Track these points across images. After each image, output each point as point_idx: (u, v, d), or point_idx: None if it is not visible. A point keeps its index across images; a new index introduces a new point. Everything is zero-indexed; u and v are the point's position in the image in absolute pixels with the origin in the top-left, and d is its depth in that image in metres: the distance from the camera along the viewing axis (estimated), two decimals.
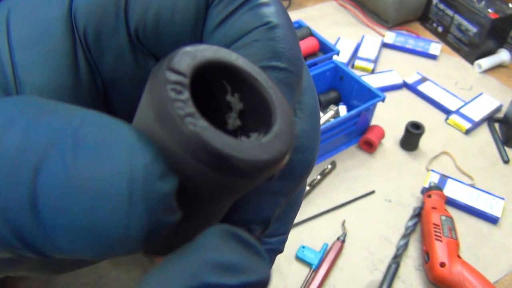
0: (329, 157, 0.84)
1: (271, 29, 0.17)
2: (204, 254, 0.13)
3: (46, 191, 0.12)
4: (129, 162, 0.13)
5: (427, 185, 0.79)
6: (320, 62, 0.91)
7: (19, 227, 0.13)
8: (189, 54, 0.13)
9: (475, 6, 1.03)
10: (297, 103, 0.19)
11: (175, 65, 0.13)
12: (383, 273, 0.68)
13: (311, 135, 0.20)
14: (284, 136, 0.14)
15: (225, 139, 0.12)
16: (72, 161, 0.13)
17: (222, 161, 0.12)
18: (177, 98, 0.12)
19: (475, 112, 0.94)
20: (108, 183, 0.12)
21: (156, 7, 0.18)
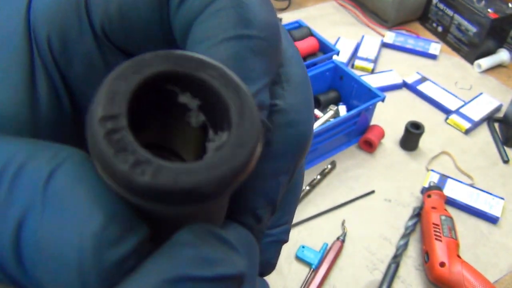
0: (329, 157, 0.84)
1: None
2: (180, 250, 0.14)
3: (26, 244, 0.13)
4: (79, 231, 0.13)
5: (427, 185, 0.79)
6: (320, 62, 0.91)
7: (3, 264, 0.14)
8: (122, 79, 0.13)
9: (475, 6, 1.03)
10: (281, 75, 0.18)
11: (105, 112, 0.12)
12: (383, 273, 0.68)
13: (301, 108, 0.18)
14: (242, 139, 0.13)
15: (177, 169, 0.12)
16: (40, 222, 0.13)
17: (177, 196, 0.12)
18: (118, 149, 0.12)
19: (475, 112, 0.94)
20: (63, 252, 0.13)
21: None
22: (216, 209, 0.16)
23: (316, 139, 0.78)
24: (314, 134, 0.76)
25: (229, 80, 0.14)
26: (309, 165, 0.82)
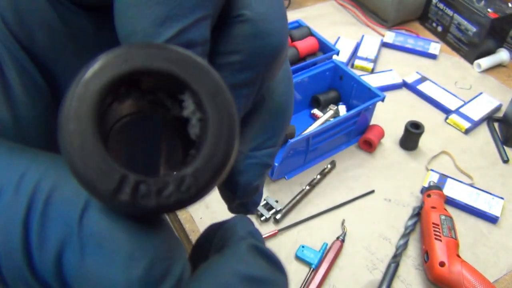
0: (329, 157, 0.84)
1: None
2: (234, 266, 0.15)
3: (69, 275, 0.14)
4: (126, 275, 0.14)
5: (426, 184, 0.79)
6: (320, 61, 0.91)
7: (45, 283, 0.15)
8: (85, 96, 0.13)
9: (475, 5, 1.03)
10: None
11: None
12: (382, 272, 0.68)
13: (270, 17, 0.17)
14: (215, 154, 0.14)
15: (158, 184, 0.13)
16: (81, 259, 0.14)
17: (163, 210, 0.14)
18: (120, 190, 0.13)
19: (475, 111, 0.94)
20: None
21: None
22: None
23: (315, 139, 0.78)
24: (314, 134, 0.76)
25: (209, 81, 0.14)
26: (309, 164, 0.82)
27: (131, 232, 0.14)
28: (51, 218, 0.14)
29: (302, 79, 0.86)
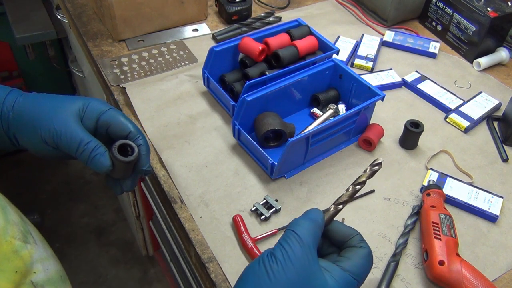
0: (329, 156, 0.84)
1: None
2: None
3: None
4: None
5: (426, 183, 0.79)
6: (320, 60, 0.91)
7: None
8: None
9: (475, 4, 1.03)
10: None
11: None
12: (382, 271, 0.68)
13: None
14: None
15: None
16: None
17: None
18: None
19: (474, 110, 0.95)
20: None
21: None
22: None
23: (315, 137, 0.78)
24: (314, 133, 0.76)
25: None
26: (309, 163, 0.82)
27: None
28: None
29: (302, 78, 0.86)
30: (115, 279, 1.80)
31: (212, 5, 1.18)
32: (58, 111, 0.53)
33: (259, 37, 0.92)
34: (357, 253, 0.49)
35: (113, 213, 2.02)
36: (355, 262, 0.47)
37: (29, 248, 0.46)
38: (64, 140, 0.52)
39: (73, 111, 0.54)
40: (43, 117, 0.53)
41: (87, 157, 0.53)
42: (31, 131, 0.54)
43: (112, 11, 0.99)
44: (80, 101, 0.55)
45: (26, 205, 1.98)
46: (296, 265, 0.43)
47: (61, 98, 0.55)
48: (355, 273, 0.47)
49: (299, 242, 0.45)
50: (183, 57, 1.03)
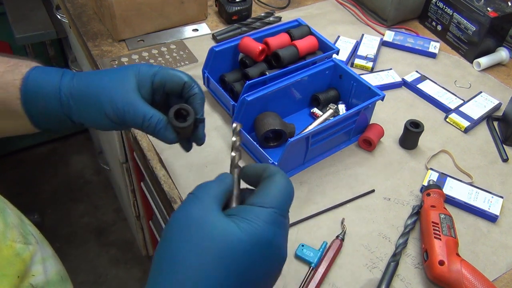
0: (329, 156, 0.84)
1: None
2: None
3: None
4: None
5: (426, 183, 0.79)
6: (320, 60, 0.91)
7: None
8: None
9: (475, 4, 1.03)
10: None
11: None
12: (382, 271, 0.68)
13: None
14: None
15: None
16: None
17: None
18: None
19: (474, 110, 0.95)
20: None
21: None
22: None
23: (315, 137, 0.78)
24: (314, 133, 0.76)
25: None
26: (309, 163, 0.82)
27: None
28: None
29: (302, 78, 0.86)
30: (115, 279, 1.80)
31: (212, 5, 1.18)
32: (116, 87, 0.54)
33: (259, 37, 0.92)
34: (266, 182, 0.42)
35: (113, 213, 2.02)
36: (263, 192, 0.41)
37: (30, 249, 0.46)
38: (128, 117, 0.53)
39: (129, 83, 0.54)
40: (103, 98, 0.53)
41: (152, 132, 0.54)
42: (94, 113, 0.53)
43: (112, 11, 0.99)
44: (131, 72, 0.55)
45: (26, 205, 1.98)
46: (190, 222, 0.38)
47: (113, 73, 0.55)
48: (265, 202, 0.40)
49: (193, 200, 0.40)
50: (183, 57, 1.03)
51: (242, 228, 0.37)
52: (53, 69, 0.54)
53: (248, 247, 0.37)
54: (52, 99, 0.52)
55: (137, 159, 1.03)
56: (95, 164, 2.17)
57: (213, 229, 0.37)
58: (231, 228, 0.37)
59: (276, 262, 0.40)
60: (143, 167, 0.95)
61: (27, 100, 0.52)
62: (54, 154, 2.24)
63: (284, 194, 0.41)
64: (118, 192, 1.80)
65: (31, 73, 0.52)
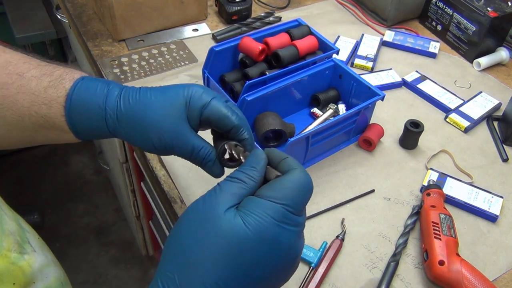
0: (329, 156, 0.84)
1: None
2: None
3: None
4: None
5: (426, 183, 0.79)
6: (320, 60, 0.91)
7: None
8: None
9: (475, 4, 1.03)
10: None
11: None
12: (382, 271, 0.68)
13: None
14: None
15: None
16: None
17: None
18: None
19: (474, 110, 0.95)
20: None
21: None
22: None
23: (315, 137, 0.78)
24: (314, 132, 0.76)
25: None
26: (309, 163, 0.82)
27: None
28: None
29: (302, 78, 0.86)
30: (115, 279, 1.80)
31: (212, 5, 1.18)
32: (165, 119, 0.49)
33: (259, 37, 0.92)
34: (283, 175, 0.41)
35: (113, 213, 2.02)
36: (276, 185, 0.39)
37: (26, 258, 0.45)
38: (176, 150, 0.51)
39: (178, 113, 0.50)
40: (151, 131, 0.49)
41: (200, 164, 0.52)
42: (141, 141, 0.51)
43: (112, 11, 0.99)
44: (181, 99, 0.50)
45: (26, 205, 1.98)
46: (200, 215, 0.38)
47: (162, 99, 0.50)
48: (277, 196, 0.38)
49: (215, 191, 0.40)
50: (183, 57, 1.03)
51: (248, 224, 0.36)
52: (98, 83, 0.51)
53: (255, 244, 0.36)
54: (98, 120, 0.50)
55: (137, 159, 1.03)
56: (95, 164, 2.17)
57: (221, 225, 0.37)
58: (237, 224, 0.36)
59: (287, 261, 0.39)
60: (143, 167, 0.95)
61: (71, 117, 0.50)
62: (54, 154, 2.24)
63: (300, 190, 0.40)
64: (118, 192, 1.80)
65: (75, 90, 0.50)
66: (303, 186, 0.40)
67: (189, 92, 0.50)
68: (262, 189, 0.39)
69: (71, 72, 0.52)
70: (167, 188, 0.77)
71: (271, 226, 0.37)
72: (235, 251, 0.36)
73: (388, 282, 0.66)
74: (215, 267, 0.36)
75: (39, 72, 0.50)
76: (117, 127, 0.50)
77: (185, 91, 0.51)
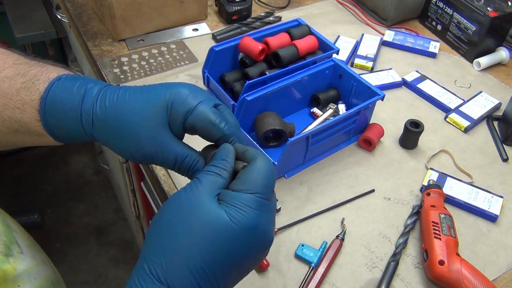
0: (329, 155, 0.84)
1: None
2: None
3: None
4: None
5: (426, 183, 0.79)
6: (320, 60, 0.91)
7: None
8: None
9: (475, 4, 1.03)
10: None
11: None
12: (382, 271, 0.68)
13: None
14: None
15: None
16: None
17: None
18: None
19: (474, 110, 0.95)
20: None
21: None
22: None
23: (315, 137, 0.78)
24: (314, 132, 0.76)
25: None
26: (309, 163, 0.82)
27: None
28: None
29: (302, 78, 0.86)
30: (115, 279, 1.80)
31: (212, 5, 1.18)
32: (143, 126, 0.45)
33: (259, 36, 0.92)
34: (249, 166, 0.43)
35: (113, 213, 2.02)
36: (247, 177, 0.42)
37: (11, 261, 0.44)
38: (156, 160, 0.46)
39: (158, 117, 0.45)
40: (128, 141, 0.45)
41: (186, 174, 0.48)
42: (119, 151, 0.47)
43: (112, 11, 0.99)
44: (163, 100, 0.46)
45: (26, 205, 1.98)
46: (186, 205, 0.40)
47: (140, 103, 0.46)
48: (250, 188, 0.41)
49: (195, 184, 0.42)
50: (183, 56, 1.03)
51: (231, 216, 0.40)
52: (76, 83, 0.46)
53: (237, 233, 0.39)
54: (74, 124, 0.46)
55: None
56: (95, 164, 2.17)
57: (207, 215, 0.39)
58: (220, 214, 0.39)
59: (263, 244, 0.42)
60: (143, 167, 0.95)
61: (47, 122, 0.46)
62: (54, 154, 2.24)
63: (266, 177, 0.43)
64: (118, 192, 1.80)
65: (49, 92, 0.46)
66: (268, 172, 0.43)
67: (171, 95, 0.46)
68: (236, 184, 0.42)
69: (46, 71, 0.47)
70: (167, 188, 0.77)
71: (251, 215, 0.40)
72: (220, 239, 0.39)
73: (388, 282, 0.66)
74: (200, 253, 0.38)
75: (13, 72, 0.46)
76: (93, 133, 0.46)
77: (168, 93, 0.46)
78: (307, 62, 0.89)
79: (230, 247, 0.39)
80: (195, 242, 0.38)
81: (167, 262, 0.38)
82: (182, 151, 0.46)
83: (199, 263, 0.38)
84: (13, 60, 0.48)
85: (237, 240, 0.39)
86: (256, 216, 0.40)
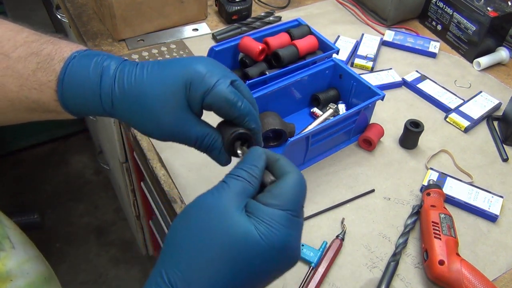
0: (329, 155, 0.84)
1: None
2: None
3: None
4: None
5: (426, 183, 0.79)
6: (320, 60, 0.91)
7: None
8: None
9: (475, 4, 1.03)
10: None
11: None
12: (382, 271, 0.68)
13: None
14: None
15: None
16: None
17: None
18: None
19: (474, 110, 0.95)
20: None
21: None
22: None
23: (315, 137, 0.78)
24: (314, 132, 0.76)
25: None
26: (309, 163, 0.82)
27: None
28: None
29: (302, 78, 0.86)
30: (115, 279, 1.80)
31: (212, 5, 1.18)
32: (163, 107, 0.46)
33: (259, 36, 0.92)
34: (281, 180, 0.42)
35: (113, 213, 2.02)
36: (279, 191, 0.40)
37: (2, 256, 0.44)
38: (178, 140, 0.48)
39: (178, 101, 0.46)
40: (149, 117, 0.46)
41: (205, 151, 0.50)
42: (140, 127, 0.48)
43: (112, 11, 0.99)
44: (181, 82, 0.46)
45: (26, 205, 1.98)
46: (211, 215, 0.38)
47: (159, 82, 0.46)
48: (281, 204, 0.40)
49: (223, 188, 0.40)
50: (183, 56, 1.03)
51: (261, 232, 0.37)
52: (91, 61, 0.47)
53: (266, 251, 0.37)
54: (94, 104, 0.47)
55: (137, 159, 1.03)
56: (95, 164, 2.17)
57: (236, 228, 0.37)
58: (250, 231, 0.37)
59: (290, 262, 0.40)
60: (143, 167, 0.95)
61: (65, 101, 0.46)
62: (54, 154, 2.24)
63: (298, 194, 0.41)
64: (118, 192, 1.80)
65: (66, 73, 0.46)
66: (300, 189, 0.42)
67: (189, 75, 0.46)
68: (266, 197, 0.40)
69: (60, 49, 0.47)
70: (167, 188, 0.77)
71: (280, 233, 0.38)
72: (248, 257, 0.37)
73: (388, 282, 0.66)
74: (225, 272, 0.36)
75: (26, 51, 0.46)
76: (114, 112, 0.47)
77: (186, 73, 0.46)
78: (307, 62, 0.89)
79: (257, 265, 0.37)
80: (222, 260, 0.36)
81: (189, 277, 0.36)
82: (202, 131, 0.48)
83: (224, 281, 0.36)
84: (23, 37, 0.47)
85: (265, 258, 0.37)
86: (286, 235, 0.39)
